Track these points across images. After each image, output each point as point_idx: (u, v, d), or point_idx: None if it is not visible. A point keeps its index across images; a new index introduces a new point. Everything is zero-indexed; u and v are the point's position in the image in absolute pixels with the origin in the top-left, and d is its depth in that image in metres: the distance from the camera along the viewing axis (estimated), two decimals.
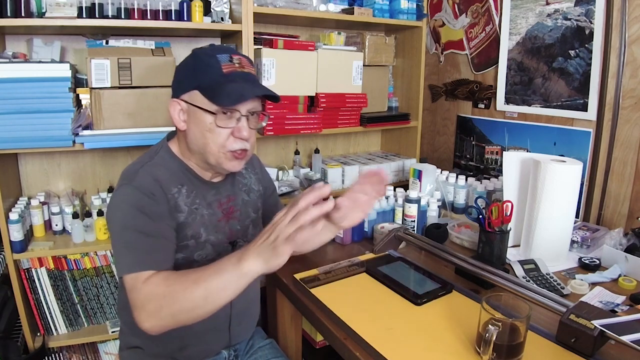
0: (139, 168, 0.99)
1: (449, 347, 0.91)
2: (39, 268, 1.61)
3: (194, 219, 1.02)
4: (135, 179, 0.96)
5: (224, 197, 1.10)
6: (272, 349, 1.23)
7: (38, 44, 1.64)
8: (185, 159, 1.05)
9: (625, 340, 0.81)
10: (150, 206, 0.94)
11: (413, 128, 2.27)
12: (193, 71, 0.98)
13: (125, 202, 0.94)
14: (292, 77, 1.82)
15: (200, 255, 1.04)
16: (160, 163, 1.02)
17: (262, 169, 1.27)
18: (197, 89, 0.96)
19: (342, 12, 1.95)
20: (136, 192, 0.94)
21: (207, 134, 0.97)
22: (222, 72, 0.96)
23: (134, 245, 0.91)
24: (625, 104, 1.59)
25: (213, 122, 0.96)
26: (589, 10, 1.66)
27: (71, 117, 1.48)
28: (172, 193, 0.99)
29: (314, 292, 1.14)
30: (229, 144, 0.98)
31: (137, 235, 0.91)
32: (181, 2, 1.61)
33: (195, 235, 1.02)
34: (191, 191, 1.03)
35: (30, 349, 1.62)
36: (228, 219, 1.10)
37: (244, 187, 1.17)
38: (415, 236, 1.37)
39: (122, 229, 0.92)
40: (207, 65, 0.97)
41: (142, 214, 0.92)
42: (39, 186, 1.79)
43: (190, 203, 1.02)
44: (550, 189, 1.31)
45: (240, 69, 0.98)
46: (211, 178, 1.08)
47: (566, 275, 1.27)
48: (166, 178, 0.99)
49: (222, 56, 0.97)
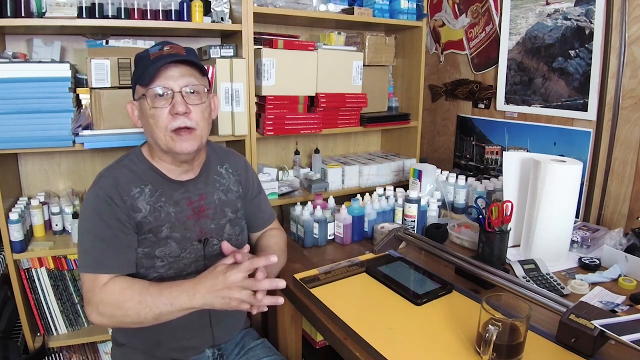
0: (105, 171, 1.07)
1: (449, 347, 0.91)
2: (39, 268, 1.61)
3: (157, 217, 1.06)
4: (98, 183, 1.04)
5: (195, 195, 1.12)
6: (264, 348, 1.22)
7: (38, 44, 1.64)
8: (153, 159, 1.10)
9: (625, 340, 0.81)
10: (107, 211, 1.00)
11: (413, 128, 2.27)
12: (134, 70, 1.06)
13: (87, 207, 1.03)
14: (292, 77, 1.82)
15: (162, 251, 1.06)
16: (126, 164, 1.08)
17: (248, 172, 1.27)
18: (136, 83, 1.03)
19: (342, 12, 1.95)
20: (96, 197, 1.02)
21: (150, 120, 1.01)
22: (150, 59, 1.01)
23: (90, 248, 1.00)
24: (625, 104, 1.59)
25: (151, 106, 1.00)
26: (589, 10, 1.66)
27: (71, 117, 1.48)
28: (131, 194, 1.04)
29: (314, 292, 1.14)
30: (169, 122, 1.01)
31: (93, 239, 1.00)
32: (181, 2, 1.61)
33: (153, 230, 1.05)
34: (156, 190, 1.07)
35: (30, 349, 1.62)
36: (199, 217, 1.11)
37: (221, 186, 1.18)
38: (415, 236, 1.37)
39: (82, 232, 1.03)
40: (141, 60, 1.04)
41: (99, 219, 1.00)
42: (39, 186, 1.79)
43: (153, 202, 1.06)
44: (550, 189, 1.31)
45: (167, 52, 1.01)
46: (180, 176, 1.11)
47: (566, 275, 1.27)
48: (128, 180, 1.05)
49: (153, 48, 1.04)
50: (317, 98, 1.91)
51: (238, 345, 1.23)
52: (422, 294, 1.10)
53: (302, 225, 1.48)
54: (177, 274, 1.07)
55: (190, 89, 1.02)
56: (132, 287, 0.97)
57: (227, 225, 1.16)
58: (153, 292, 0.95)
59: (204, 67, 1.07)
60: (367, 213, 1.56)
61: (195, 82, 1.03)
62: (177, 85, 1.00)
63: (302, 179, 2.08)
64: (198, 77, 1.05)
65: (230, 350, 1.21)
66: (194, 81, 1.03)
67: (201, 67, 1.06)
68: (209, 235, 1.12)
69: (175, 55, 1.01)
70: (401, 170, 2.21)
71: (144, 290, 0.96)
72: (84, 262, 1.00)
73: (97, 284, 0.97)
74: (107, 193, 1.01)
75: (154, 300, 0.94)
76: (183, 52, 1.04)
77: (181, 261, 1.08)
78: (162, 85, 0.99)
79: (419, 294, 1.10)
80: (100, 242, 1.00)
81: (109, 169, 1.07)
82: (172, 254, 1.07)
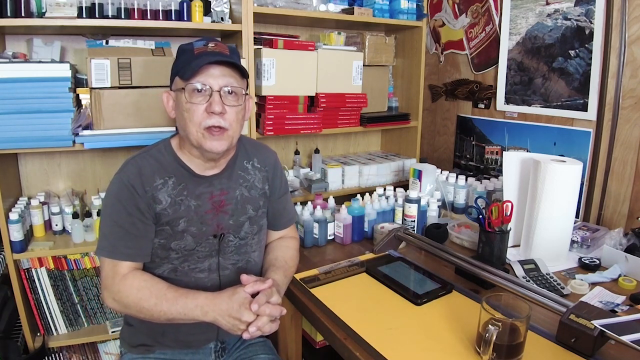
0: (131, 159, 1.08)
1: (449, 347, 0.91)
2: (39, 268, 1.61)
3: (176, 210, 1.06)
4: (123, 170, 1.05)
5: (217, 189, 1.12)
6: (263, 347, 1.22)
7: (38, 44, 1.64)
8: (180, 152, 1.10)
9: (625, 340, 0.81)
10: (128, 199, 1.02)
11: (413, 128, 2.27)
12: (175, 61, 1.06)
13: (110, 192, 1.05)
14: (292, 77, 1.82)
15: (177, 244, 1.07)
16: (153, 154, 1.09)
17: (277, 170, 1.25)
18: (176, 75, 1.04)
19: (342, 12, 1.95)
20: (120, 183, 1.03)
21: (185, 113, 1.01)
22: (194, 53, 1.01)
23: (109, 232, 1.03)
24: (625, 104, 1.59)
25: (188, 100, 1.00)
26: (589, 10, 1.66)
27: (71, 117, 1.48)
28: (154, 185, 1.05)
29: (314, 292, 1.14)
30: (203, 120, 1.01)
31: (112, 224, 1.03)
32: (181, 2, 1.61)
33: (170, 223, 1.06)
34: (179, 183, 1.08)
35: (30, 349, 1.62)
36: (217, 212, 1.11)
37: (245, 182, 1.16)
38: (415, 236, 1.37)
39: (104, 216, 1.05)
40: (184, 52, 1.04)
41: (120, 205, 1.02)
42: (39, 186, 1.79)
43: (176, 194, 1.07)
44: (550, 189, 1.31)
45: (211, 50, 1.02)
46: (205, 171, 1.11)
47: (566, 275, 1.27)
48: (152, 169, 1.06)
49: (198, 42, 1.04)
50: (317, 98, 1.91)
51: (240, 340, 1.23)
52: (422, 294, 1.10)
53: (302, 225, 1.49)
54: (190, 267, 1.09)
55: (229, 89, 1.02)
56: (151, 288, 0.99)
57: (246, 223, 1.15)
58: (170, 298, 0.98)
59: (246, 70, 1.07)
60: (367, 213, 1.56)
61: (235, 83, 1.04)
62: (217, 84, 1.01)
63: (302, 179, 2.08)
64: (238, 78, 1.05)
65: (232, 344, 1.22)
66: (233, 82, 1.03)
67: (243, 69, 1.06)
68: (226, 231, 1.12)
69: (219, 55, 1.02)
70: (401, 170, 2.21)
71: (161, 294, 0.98)
72: (102, 245, 1.03)
73: (117, 273, 1.01)
74: (130, 181, 1.03)
75: (169, 307, 0.97)
76: (227, 51, 1.04)
77: (195, 254, 1.09)
78: (202, 81, 1.00)
79: (419, 294, 1.10)
80: (119, 228, 1.02)
81: (136, 157, 1.08)
82: (187, 247, 1.08)
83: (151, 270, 1.08)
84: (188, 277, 1.09)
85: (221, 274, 1.13)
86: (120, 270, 1.01)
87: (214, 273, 1.12)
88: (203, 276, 1.11)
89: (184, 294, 0.99)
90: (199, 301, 0.97)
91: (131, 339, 1.16)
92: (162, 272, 1.08)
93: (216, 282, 1.12)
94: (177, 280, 1.08)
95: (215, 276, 1.12)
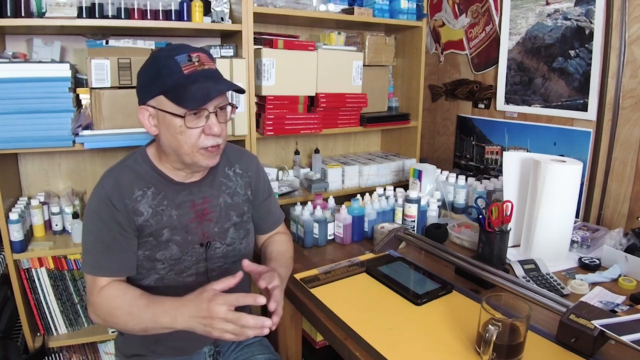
0: (108, 172, 1.06)
1: (449, 347, 0.91)
2: (39, 268, 1.61)
3: (159, 220, 1.04)
4: (101, 184, 1.03)
5: (199, 198, 1.10)
6: (260, 346, 1.22)
7: (38, 44, 1.64)
8: (158, 161, 1.08)
9: (625, 340, 0.81)
10: (107, 214, 1.00)
11: (413, 128, 2.27)
12: (156, 76, 0.98)
13: (90, 207, 1.03)
14: (292, 77, 1.82)
15: (163, 255, 1.05)
16: (130, 165, 1.06)
17: (259, 174, 1.24)
18: (162, 94, 0.97)
19: (342, 12, 1.95)
20: (98, 198, 1.02)
21: (179, 136, 0.98)
22: (183, 73, 0.96)
23: (91, 248, 1.02)
24: (625, 104, 1.59)
25: (183, 124, 0.97)
26: (589, 10, 1.66)
27: (71, 117, 1.48)
28: (133, 197, 1.03)
29: (314, 292, 1.14)
30: (202, 142, 1.00)
31: (94, 240, 1.01)
32: (181, 2, 1.61)
33: (154, 234, 1.04)
34: (158, 193, 1.05)
35: (30, 349, 1.62)
36: (202, 220, 1.09)
37: (228, 189, 1.15)
38: (415, 236, 1.37)
39: (85, 231, 1.03)
40: (168, 68, 0.96)
41: (100, 221, 1.01)
42: (39, 186, 1.79)
43: (156, 205, 1.05)
44: (550, 189, 1.31)
45: (200, 67, 0.98)
46: (185, 179, 1.09)
47: (566, 275, 1.27)
48: (130, 181, 1.04)
49: (180, 57, 0.97)
50: (317, 98, 1.91)
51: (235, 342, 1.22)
52: (422, 294, 1.10)
53: (302, 225, 1.49)
54: (178, 275, 1.08)
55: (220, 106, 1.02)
56: (123, 296, 0.97)
57: (231, 229, 1.14)
58: (140, 305, 0.95)
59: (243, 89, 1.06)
60: (367, 213, 1.56)
61: (226, 100, 1.04)
62: (212, 105, 0.99)
63: (302, 179, 2.08)
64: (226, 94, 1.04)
65: (227, 347, 1.21)
66: (225, 100, 1.03)
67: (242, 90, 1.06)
68: (212, 239, 1.11)
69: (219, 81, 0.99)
70: (401, 170, 2.21)
71: (132, 302, 0.96)
72: (85, 262, 1.02)
73: (96, 286, 1.00)
74: (108, 195, 1.01)
75: (140, 314, 0.94)
76: (212, 63, 1.02)
77: (182, 263, 1.07)
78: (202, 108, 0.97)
79: (419, 294, 1.10)
80: (101, 244, 1.00)
81: (113, 170, 1.06)
82: (172, 257, 1.06)
83: (138, 281, 1.06)
84: (176, 282, 1.08)
85: (209, 277, 1.11)
86: (99, 283, 1.00)
87: (202, 277, 1.11)
88: (191, 280, 1.09)
89: (153, 300, 0.95)
90: (166, 306, 0.92)
91: (125, 349, 1.15)
92: (149, 283, 1.06)
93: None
94: (165, 288, 1.06)
95: (203, 279, 1.10)
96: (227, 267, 1.14)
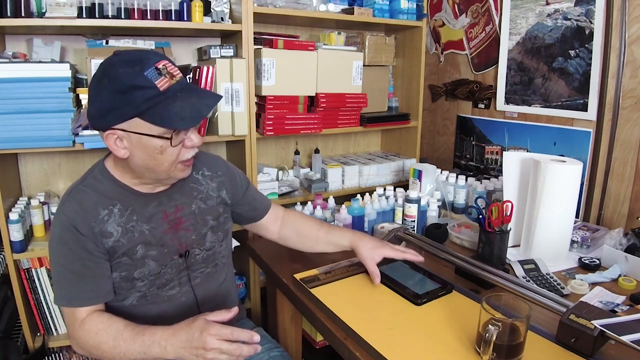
0: (67, 195, 0.97)
1: (449, 347, 0.91)
2: (39, 268, 1.61)
3: (130, 238, 0.98)
4: (63, 208, 0.95)
5: (170, 207, 1.04)
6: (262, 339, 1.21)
7: (38, 44, 1.64)
8: (120, 175, 1.00)
9: (625, 340, 0.81)
10: (74, 241, 0.94)
11: (413, 128, 2.27)
12: (122, 97, 0.86)
13: (54, 236, 0.96)
14: (292, 77, 1.82)
15: (141, 272, 1.00)
16: (89, 185, 0.98)
17: (230, 171, 1.19)
18: (137, 116, 0.88)
19: (342, 12, 1.95)
20: (61, 225, 0.94)
21: (158, 155, 0.92)
22: (159, 90, 0.87)
23: (62, 280, 0.95)
24: (625, 104, 1.59)
25: (165, 144, 0.91)
26: (589, 10, 1.66)
27: (71, 117, 1.48)
28: (99, 218, 0.96)
29: (314, 292, 1.14)
30: (182, 155, 0.95)
31: (64, 271, 0.95)
32: (181, 2, 1.61)
33: (128, 253, 0.98)
34: (126, 209, 0.99)
35: (30, 349, 1.62)
36: (177, 230, 1.04)
37: (200, 194, 1.10)
38: (415, 236, 1.37)
39: (53, 263, 0.96)
40: (137, 87, 0.86)
41: (67, 250, 0.94)
42: (39, 186, 1.79)
43: (125, 222, 0.98)
44: (550, 189, 1.31)
45: (174, 80, 0.90)
46: (152, 190, 1.03)
47: (566, 275, 1.27)
48: (93, 202, 0.96)
49: (149, 72, 0.87)
50: (317, 98, 1.91)
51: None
52: (422, 294, 1.10)
53: None
54: (160, 290, 1.04)
55: None
56: (108, 329, 0.92)
57: (208, 234, 1.10)
58: (127, 338, 0.90)
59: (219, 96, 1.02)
60: (367, 213, 1.56)
61: None
62: None
63: (302, 179, 2.08)
64: None
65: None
66: None
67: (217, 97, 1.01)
68: (190, 247, 1.06)
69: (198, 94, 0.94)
70: (401, 170, 2.21)
71: (118, 335, 0.91)
72: (58, 295, 0.96)
73: (76, 319, 0.94)
74: (72, 222, 0.93)
75: (127, 347, 0.90)
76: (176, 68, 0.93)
77: (163, 277, 1.03)
78: None
79: (419, 294, 1.10)
80: (71, 274, 0.94)
81: (72, 192, 0.97)
82: (151, 273, 1.01)
83: (118, 302, 1.01)
84: (160, 297, 1.04)
85: (193, 284, 1.08)
86: (78, 315, 0.94)
87: (185, 286, 1.07)
88: (175, 292, 1.06)
89: (141, 331, 0.90)
90: (156, 337, 0.88)
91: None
92: (132, 302, 1.01)
93: (190, 295, 1.08)
94: (148, 305, 1.03)
95: (187, 288, 1.08)
96: (209, 272, 1.12)
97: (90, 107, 0.92)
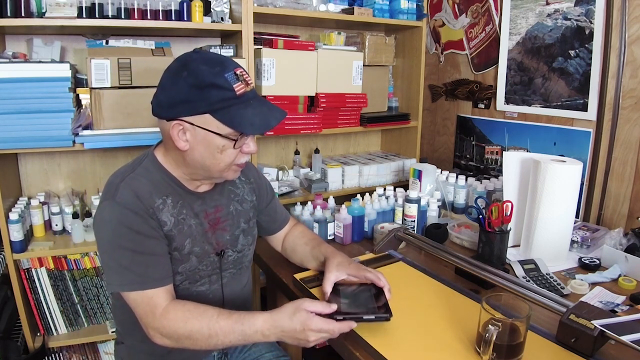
0: (120, 182, 0.96)
1: (449, 347, 0.91)
2: (39, 268, 1.61)
3: (180, 230, 1.00)
4: (117, 195, 0.93)
5: (211, 207, 1.08)
6: (266, 344, 1.22)
7: (38, 44, 1.64)
8: (172, 168, 1.02)
9: (625, 340, 0.81)
10: (138, 223, 0.93)
11: (413, 128, 2.27)
12: (199, 92, 0.89)
13: (113, 220, 0.93)
14: (292, 77, 1.82)
15: (184, 267, 1.01)
16: (142, 174, 0.99)
17: (261, 179, 1.24)
18: (209, 112, 0.91)
19: (342, 12, 1.95)
20: (121, 209, 0.92)
21: (218, 155, 0.95)
22: (236, 94, 0.91)
23: (130, 263, 0.92)
24: (625, 104, 1.59)
25: (227, 144, 0.94)
26: (589, 10, 1.66)
27: (71, 117, 1.48)
28: (155, 206, 0.96)
29: (314, 292, 1.14)
30: (238, 159, 0.99)
31: (131, 254, 0.92)
32: (181, 2, 1.62)
33: (178, 248, 1.00)
34: (177, 201, 1.01)
35: (30, 349, 1.62)
36: (215, 230, 1.08)
37: (237, 197, 1.14)
38: (415, 236, 1.37)
39: (114, 248, 0.93)
40: (217, 86, 0.89)
41: (131, 232, 0.92)
42: (39, 186, 1.79)
43: (177, 213, 1.00)
44: (550, 189, 1.30)
45: (249, 88, 0.94)
46: (197, 188, 1.06)
47: (566, 275, 1.27)
48: (148, 191, 0.96)
49: (229, 75, 0.90)
50: (317, 98, 1.91)
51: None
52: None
53: None
54: (191, 285, 1.05)
55: None
56: (199, 317, 0.91)
57: (240, 236, 1.14)
58: (223, 326, 0.91)
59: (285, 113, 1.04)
60: (367, 213, 1.56)
61: None
62: None
63: (302, 179, 2.08)
64: None
65: (233, 348, 1.21)
66: None
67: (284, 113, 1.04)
68: (225, 247, 1.10)
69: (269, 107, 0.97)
70: (401, 170, 2.21)
71: (213, 322, 0.91)
72: (126, 280, 0.92)
73: (156, 306, 0.92)
74: (130, 207, 0.93)
75: (225, 334, 0.91)
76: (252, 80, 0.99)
77: (197, 273, 1.05)
78: None
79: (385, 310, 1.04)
80: (141, 256, 0.93)
81: (125, 180, 0.96)
82: (191, 268, 1.03)
83: None
84: (189, 292, 1.04)
85: (222, 283, 1.11)
86: (157, 302, 0.92)
87: (215, 284, 1.10)
88: (204, 289, 1.08)
89: (239, 320, 0.91)
90: (258, 326, 0.91)
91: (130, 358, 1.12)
92: None
93: (218, 293, 1.10)
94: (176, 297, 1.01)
95: (216, 287, 1.10)
96: (235, 273, 1.14)
97: (160, 95, 0.94)
